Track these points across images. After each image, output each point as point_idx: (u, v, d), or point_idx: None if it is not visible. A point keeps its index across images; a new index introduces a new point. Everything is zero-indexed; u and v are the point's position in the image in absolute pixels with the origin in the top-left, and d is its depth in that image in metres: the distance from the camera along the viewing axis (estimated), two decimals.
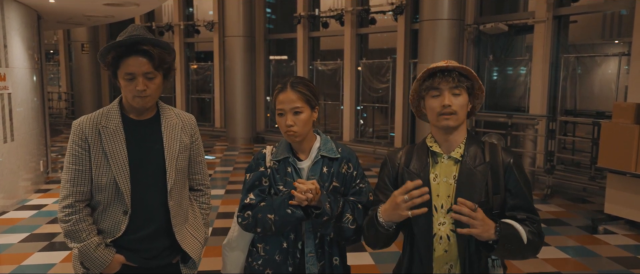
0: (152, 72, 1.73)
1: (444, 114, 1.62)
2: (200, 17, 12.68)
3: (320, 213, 1.72)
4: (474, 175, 1.63)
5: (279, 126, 1.82)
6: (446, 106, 1.60)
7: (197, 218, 1.98)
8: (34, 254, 4.26)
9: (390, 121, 9.85)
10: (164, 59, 1.76)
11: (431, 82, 1.63)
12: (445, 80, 1.61)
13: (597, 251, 4.46)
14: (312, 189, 1.67)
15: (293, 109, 1.77)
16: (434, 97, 1.64)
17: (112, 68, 1.74)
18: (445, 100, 1.61)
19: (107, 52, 1.73)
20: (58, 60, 15.52)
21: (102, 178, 1.76)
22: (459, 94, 1.62)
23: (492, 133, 6.66)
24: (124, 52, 1.71)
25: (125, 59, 1.71)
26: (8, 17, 5.55)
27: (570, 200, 6.21)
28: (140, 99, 1.75)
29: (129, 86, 1.72)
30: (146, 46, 1.71)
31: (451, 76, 1.61)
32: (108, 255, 1.76)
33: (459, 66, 1.63)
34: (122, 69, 1.72)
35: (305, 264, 1.82)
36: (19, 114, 5.77)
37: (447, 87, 1.61)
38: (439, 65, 1.64)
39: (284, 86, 1.81)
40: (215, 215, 5.46)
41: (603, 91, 8.13)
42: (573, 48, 7.90)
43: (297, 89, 1.79)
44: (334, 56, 10.58)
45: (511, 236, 1.53)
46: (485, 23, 7.79)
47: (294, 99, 1.77)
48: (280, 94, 1.80)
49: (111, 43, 1.72)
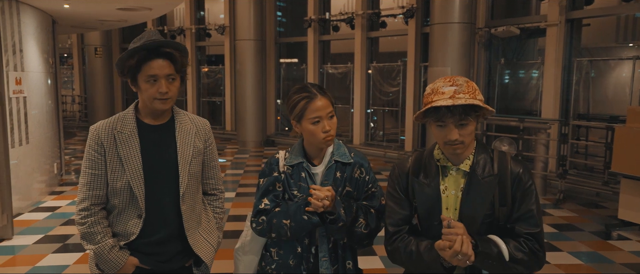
0: (173, 75, 1.78)
1: (451, 146, 1.57)
2: (212, 20, 12.77)
3: (335, 219, 1.73)
4: (481, 186, 1.60)
5: (311, 135, 1.80)
6: (452, 141, 1.56)
7: (211, 222, 2.00)
8: (48, 256, 4.31)
9: (401, 125, 9.84)
10: (183, 62, 1.81)
11: (436, 116, 1.55)
12: (451, 115, 1.53)
13: (610, 257, 4.41)
14: (328, 195, 1.69)
15: (328, 113, 1.80)
16: (440, 128, 1.57)
17: (132, 72, 1.75)
18: (451, 135, 1.54)
19: (129, 56, 1.74)
20: (72, 63, 15.71)
21: (117, 182, 1.78)
22: (466, 124, 1.56)
23: (503, 137, 6.61)
24: (146, 56, 1.73)
25: (147, 62, 1.73)
26: (24, 22, 5.65)
27: (583, 205, 6.15)
28: (162, 102, 1.77)
29: (151, 88, 1.75)
30: (168, 49, 1.76)
31: (457, 111, 1.52)
32: (122, 257, 1.79)
33: (465, 104, 1.52)
34: (145, 71, 1.74)
35: (319, 268, 1.83)
36: (34, 117, 5.85)
37: (453, 122, 1.54)
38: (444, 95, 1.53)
39: (312, 94, 1.80)
40: (226, 217, 5.49)
41: (617, 95, 8.04)
42: (586, 51, 7.83)
43: (326, 95, 1.82)
44: (344, 60, 10.59)
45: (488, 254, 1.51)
46: (497, 26, 7.76)
47: (327, 105, 1.80)
48: (313, 102, 1.78)
49: (135, 47, 1.74)
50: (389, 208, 1.73)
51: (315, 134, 1.80)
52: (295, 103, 1.82)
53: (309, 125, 1.80)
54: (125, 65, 1.76)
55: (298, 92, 1.83)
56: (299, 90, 1.84)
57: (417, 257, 1.60)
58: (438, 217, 1.61)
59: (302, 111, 1.80)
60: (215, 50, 13.41)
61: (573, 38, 7.19)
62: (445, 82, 1.57)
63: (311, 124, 1.80)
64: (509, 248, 1.53)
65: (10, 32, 5.33)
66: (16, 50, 5.44)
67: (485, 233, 1.60)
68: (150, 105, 1.79)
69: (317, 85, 1.86)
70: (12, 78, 5.30)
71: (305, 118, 1.80)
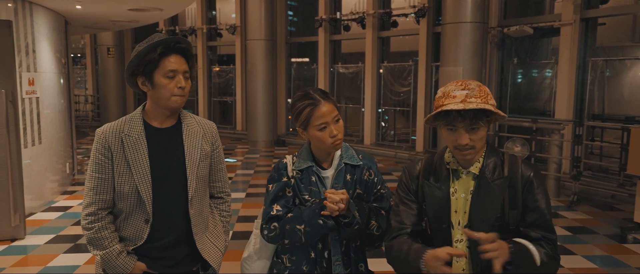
0: (188, 72, 1.81)
1: (461, 151, 1.55)
2: (223, 20, 12.81)
3: (350, 222, 1.72)
4: (491, 189, 1.57)
5: (319, 141, 1.79)
6: (463, 145, 1.53)
7: (217, 226, 1.98)
8: (59, 256, 4.35)
9: (412, 125, 9.77)
10: (194, 65, 1.85)
11: (446, 120, 1.53)
12: (462, 119, 1.50)
13: (626, 261, 4.32)
14: (344, 199, 1.68)
15: (334, 118, 1.78)
16: (450, 131, 1.55)
17: (150, 68, 1.74)
18: (461, 140, 1.52)
19: (150, 50, 1.73)
20: (85, 64, 15.88)
21: (124, 187, 1.77)
22: (477, 129, 1.53)
23: (516, 138, 6.53)
24: (164, 52, 1.75)
25: (166, 57, 1.75)
26: (37, 22, 5.70)
27: (598, 207, 6.05)
28: (181, 98, 1.78)
29: (170, 84, 1.75)
30: (184, 46, 1.79)
31: (468, 115, 1.50)
32: (129, 263, 1.78)
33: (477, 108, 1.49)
34: (164, 67, 1.74)
35: (332, 272, 1.82)
36: (47, 117, 5.90)
37: (464, 127, 1.52)
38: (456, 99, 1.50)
39: (316, 100, 1.78)
40: (236, 218, 5.49)
41: (633, 95, 7.90)
42: (601, 50, 7.70)
43: (330, 99, 1.81)
44: (355, 59, 10.55)
45: (524, 258, 1.48)
46: (510, 26, 7.66)
47: (332, 109, 1.78)
48: (318, 108, 1.76)
49: (157, 41, 1.74)
50: (396, 208, 1.73)
51: (324, 140, 1.78)
52: (299, 111, 1.80)
53: (316, 132, 1.78)
54: (143, 61, 1.74)
55: (301, 100, 1.81)
56: (301, 97, 1.82)
57: (405, 256, 1.59)
58: (447, 220, 1.60)
59: (307, 119, 1.78)
60: (226, 50, 13.45)
61: (588, 37, 7.08)
62: (457, 85, 1.54)
63: (318, 131, 1.78)
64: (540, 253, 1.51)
65: (24, 33, 5.38)
66: (29, 51, 5.49)
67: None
68: (166, 103, 1.78)
69: (319, 90, 1.84)
70: (25, 79, 5.35)
71: (311, 125, 1.78)
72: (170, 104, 1.78)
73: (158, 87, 1.76)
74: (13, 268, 4.08)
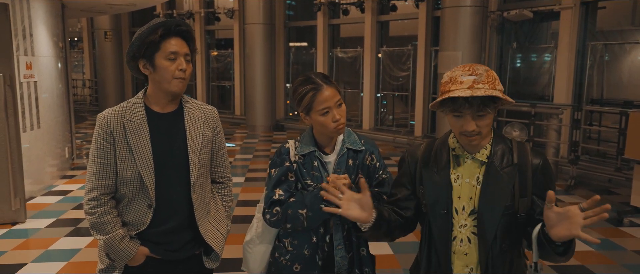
0: (189, 55, 1.80)
1: (467, 136, 1.53)
2: (221, 4, 12.69)
3: None
4: (500, 177, 1.56)
5: (322, 126, 1.79)
6: (469, 132, 1.51)
7: (219, 211, 1.99)
8: (60, 239, 4.37)
9: (411, 109, 9.77)
10: (194, 48, 1.84)
11: (453, 106, 1.49)
12: (469, 105, 1.47)
13: (622, 244, 4.37)
14: (347, 184, 1.69)
15: (337, 102, 1.78)
16: (457, 118, 1.52)
17: (151, 50, 1.74)
18: (468, 126, 1.49)
19: (151, 31, 1.73)
20: (82, 47, 15.77)
21: (126, 172, 1.78)
22: (484, 115, 1.50)
23: (514, 123, 6.54)
24: (165, 34, 1.74)
25: (167, 39, 1.74)
26: (33, 6, 5.64)
27: (595, 191, 6.09)
28: (181, 81, 1.77)
29: (171, 66, 1.75)
30: (185, 27, 1.79)
31: (475, 102, 1.46)
32: (133, 247, 1.79)
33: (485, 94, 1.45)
34: (165, 49, 1.74)
35: (335, 256, 1.84)
36: (45, 101, 5.89)
37: (471, 113, 1.49)
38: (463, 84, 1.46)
39: (318, 85, 1.78)
40: (236, 202, 5.51)
41: (632, 79, 7.90)
42: (601, 35, 7.68)
43: (332, 83, 1.80)
44: (354, 44, 10.50)
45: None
46: (509, 10, 7.62)
47: (334, 93, 1.78)
48: (320, 93, 1.76)
49: (158, 23, 1.74)
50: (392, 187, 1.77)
51: (326, 125, 1.78)
52: (302, 96, 1.79)
53: (319, 116, 1.78)
54: (144, 43, 1.73)
55: (303, 84, 1.80)
56: (303, 82, 1.81)
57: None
58: (445, 205, 1.59)
59: (310, 103, 1.78)
60: (224, 34, 13.36)
61: (588, 21, 7.05)
62: (464, 71, 1.49)
63: (321, 116, 1.78)
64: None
65: (20, 17, 5.34)
66: (26, 34, 5.45)
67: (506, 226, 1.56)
68: (168, 86, 1.77)
69: (321, 74, 1.83)
70: (23, 63, 5.32)
71: (314, 110, 1.78)
72: (172, 87, 1.77)
73: (159, 70, 1.75)
74: (14, 251, 4.11)
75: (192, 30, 1.83)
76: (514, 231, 1.59)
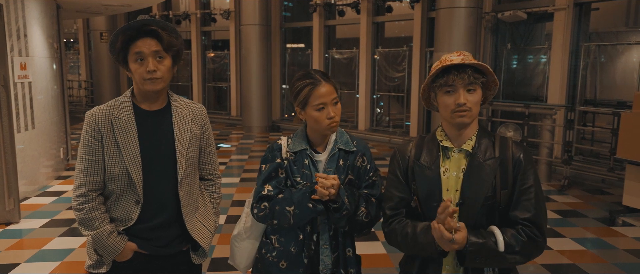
0: (160, 52, 1.76)
1: (459, 112, 1.60)
2: (217, 5, 12.71)
3: (339, 207, 1.74)
4: (482, 169, 1.62)
5: (315, 121, 1.80)
6: (461, 104, 1.58)
7: (207, 208, 2.01)
8: (54, 239, 4.37)
9: (406, 110, 9.80)
10: (171, 41, 1.79)
11: (445, 79, 1.60)
12: (460, 77, 1.58)
13: (614, 243, 4.40)
14: (334, 184, 1.70)
15: (333, 100, 1.80)
16: (448, 94, 1.61)
17: (122, 54, 1.76)
18: (460, 98, 1.58)
19: (116, 37, 1.76)
20: (78, 49, 15.74)
21: (114, 168, 1.79)
22: (473, 90, 1.60)
23: (508, 123, 6.57)
24: (132, 36, 1.74)
25: (134, 41, 1.74)
26: (28, 7, 5.64)
27: (588, 191, 6.12)
28: (151, 82, 1.76)
29: (140, 68, 1.75)
30: (153, 27, 1.75)
31: (466, 73, 1.58)
32: (120, 243, 1.80)
33: (475, 63, 1.60)
34: (132, 51, 1.74)
35: (320, 255, 1.84)
36: (40, 102, 5.89)
37: (462, 84, 1.58)
38: (453, 61, 1.60)
39: (316, 80, 1.80)
40: (230, 203, 5.52)
41: (625, 80, 7.94)
42: (595, 36, 7.72)
43: (330, 81, 1.82)
44: (350, 45, 10.52)
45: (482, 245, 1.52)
46: (504, 11, 7.66)
47: (331, 91, 1.80)
48: (317, 88, 1.78)
49: (120, 28, 1.75)
50: (388, 191, 1.76)
51: (320, 121, 1.80)
52: (299, 90, 1.81)
53: (314, 112, 1.80)
54: (114, 49, 1.77)
55: (302, 79, 1.82)
56: (302, 76, 1.83)
57: (413, 239, 1.63)
58: (437, 199, 1.63)
59: (306, 98, 1.80)
60: (220, 35, 13.37)
61: (581, 22, 7.08)
62: (452, 53, 1.65)
63: (315, 111, 1.79)
64: (506, 237, 1.53)
65: (15, 17, 5.34)
66: (21, 35, 5.45)
67: (487, 216, 1.61)
68: (142, 87, 1.79)
69: (320, 71, 1.86)
70: (17, 63, 5.32)
71: (309, 105, 1.80)
72: (145, 87, 1.78)
73: (132, 72, 1.78)
74: (8, 251, 4.11)
75: (164, 26, 1.79)
76: (496, 222, 1.62)
